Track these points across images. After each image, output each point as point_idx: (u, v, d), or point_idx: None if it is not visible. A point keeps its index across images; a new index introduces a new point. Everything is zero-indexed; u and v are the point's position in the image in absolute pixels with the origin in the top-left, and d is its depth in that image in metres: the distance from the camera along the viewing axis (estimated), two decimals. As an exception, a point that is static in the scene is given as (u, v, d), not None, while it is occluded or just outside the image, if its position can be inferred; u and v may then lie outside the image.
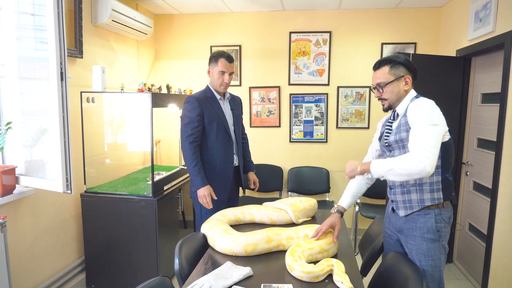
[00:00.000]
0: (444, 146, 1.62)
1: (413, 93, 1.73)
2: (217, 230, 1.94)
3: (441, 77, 3.10)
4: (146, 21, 3.45)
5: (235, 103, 2.62)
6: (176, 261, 1.69)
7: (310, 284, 1.56)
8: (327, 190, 3.95)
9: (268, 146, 4.08)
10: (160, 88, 2.99)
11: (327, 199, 3.96)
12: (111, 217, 2.68)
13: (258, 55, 3.98)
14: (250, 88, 4.03)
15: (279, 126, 4.05)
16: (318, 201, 3.80)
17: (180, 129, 2.40)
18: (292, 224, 2.26)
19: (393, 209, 1.85)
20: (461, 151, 3.23)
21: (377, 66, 1.74)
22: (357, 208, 3.71)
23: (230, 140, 2.48)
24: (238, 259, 1.78)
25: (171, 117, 3.98)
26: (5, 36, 2.17)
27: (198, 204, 2.42)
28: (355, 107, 3.92)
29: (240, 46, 3.99)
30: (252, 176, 2.74)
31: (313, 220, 2.37)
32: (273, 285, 1.52)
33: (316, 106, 3.97)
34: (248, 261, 1.76)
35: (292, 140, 4.05)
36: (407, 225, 1.74)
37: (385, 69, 1.70)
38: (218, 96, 2.47)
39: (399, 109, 1.73)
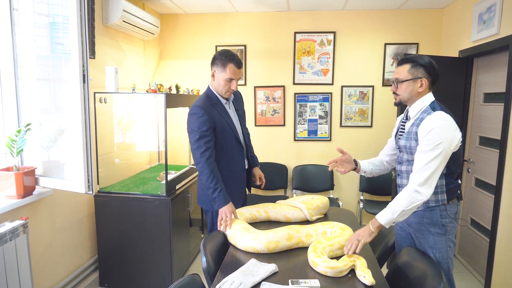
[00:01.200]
0: (452, 154, 1.68)
1: (429, 98, 1.77)
2: (238, 228, 1.99)
3: (444, 77, 3.17)
4: (154, 21, 3.47)
5: (238, 101, 2.44)
6: (203, 259, 1.73)
7: (334, 279, 1.63)
8: (331, 187, 4.02)
9: (273, 145, 4.14)
10: (170, 88, 3.02)
11: (331, 196, 4.04)
12: (124, 216, 2.71)
13: (263, 55, 4.03)
14: (255, 87, 4.08)
15: (284, 125, 4.11)
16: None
17: (191, 144, 2.15)
18: (306, 222, 2.33)
19: None
20: (463, 149, 3.33)
21: (400, 62, 1.80)
22: (361, 204, 3.79)
23: (240, 146, 2.33)
24: (260, 256, 1.84)
25: (176, 116, 4.00)
26: (23, 37, 2.18)
27: (210, 216, 2.35)
28: (358, 106, 4.00)
29: (245, 46, 4.03)
30: (257, 171, 2.57)
31: (325, 217, 2.44)
32: (300, 280, 1.58)
33: (320, 105, 4.04)
34: (270, 258, 1.82)
35: (296, 138, 4.12)
36: (415, 219, 1.85)
37: (406, 67, 1.75)
38: (223, 101, 2.27)
39: (411, 111, 1.79)
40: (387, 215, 1.69)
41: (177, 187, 2.92)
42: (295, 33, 3.95)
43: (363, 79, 3.95)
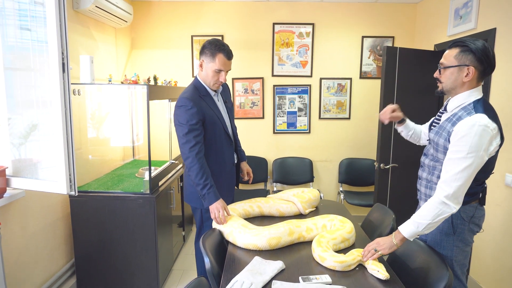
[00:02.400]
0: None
1: (475, 94, 1.56)
2: (235, 225, 1.91)
3: (420, 70, 3.27)
4: (127, 8, 3.25)
5: (226, 93, 2.34)
6: (206, 259, 1.64)
7: (342, 273, 1.61)
8: (311, 179, 4.04)
9: (252, 138, 4.07)
10: (149, 80, 2.85)
11: (311, 188, 4.05)
12: (104, 217, 2.53)
13: (241, 46, 3.93)
14: (233, 79, 3.97)
15: (263, 117, 4.05)
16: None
17: (179, 138, 2.04)
18: (300, 215, 2.30)
19: (418, 197, 1.88)
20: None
21: (450, 45, 1.59)
22: (342, 195, 3.84)
23: (230, 140, 2.24)
24: (262, 253, 1.78)
25: (152, 108, 3.80)
26: (-13, 22, 1.94)
27: (198, 213, 2.24)
28: (336, 98, 4.03)
29: (222, 36, 3.90)
30: (245, 166, 2.48)
31: (316, 210, 2.42)
32: (311, 276, 1.54)
33: (299, 97, 4.02)
34: (272, 255, 1.77)
35: (276, 131, 4.08)
36: None
37: (454, 51, 1.55)
38: (212, 93, 2.15)
39: (451, 104, 1.63)
40: (411, 228, 1.56)
41: (160, 183, 2.77)
42: (274, 24, 3.88)
43: (341, 71, 3.98)
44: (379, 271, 1.54)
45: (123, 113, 3.35)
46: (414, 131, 2.00)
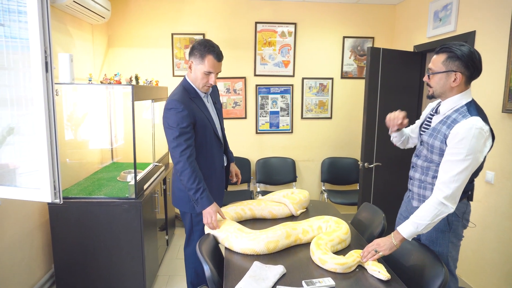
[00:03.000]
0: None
1: (466, 97, 1.61)
2: (231, 230, 1.86)
3: (401, 70, 3.36)
4: (105, 4, 3.11)
5: (214, 94, 2.26)
6: (206, 267, 1.59)
7: (344, 275, 1.60)
8: (294, 179, 4.05)
9: (234, 138, 4.01)
10: (131, 79, 2.73)
11: (295, 188, 4.06)
12: (86, 223, 2.40)
13: (223, 45, 3.82)
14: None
15: (245, 117, 4.01)
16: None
17: (169, 142, 1.96)
18: (291, 217, 2.28)
19: (409, 197, 1.93)
20: (418, 138, 3.56)
21: (438, 50, 1.62)
22: (325, 195, 3.87)
23: (219, 142, 2.18)
24: (260, 258, 1.75)
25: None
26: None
27: (188, 218, 2.17)
28: (318, 98, 4.05)
29: (203, 34, 3.82)
30: (233, 168, 2.43)
31: (307, 211, 2.41)
32: (314, 280, 1.53)
33: (282, 97, 4.01)
34: (270, 259, 1.74)
35: (258, 131, 4.05)
36: None
37: (442, 57, 1.59)
38: (202, 94, 2.08)
39: (443, 107, 1.66)
40: (411, 229, 1.59)
41: (144, 187, 2.67)
42: (256, 23, 3.85)
43: (323, 71, 4.00)
44: (380, 271, 1.54)
45: (102, 114, 3.21)
46: (405, 137, 2.03)
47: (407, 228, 1.61)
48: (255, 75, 3.94)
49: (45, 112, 1.67)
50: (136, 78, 2.93)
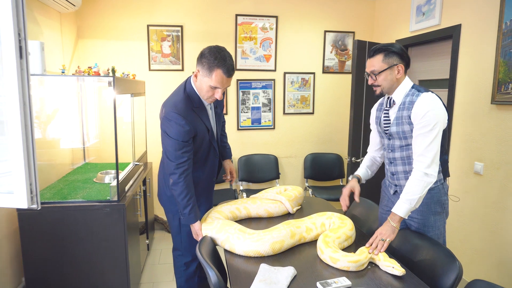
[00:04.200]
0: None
1: (408, 82, 1.77)
2: (231, 231, 1.73)
3: (384, 65, 3.36)
4: (75, -10, 2.85)
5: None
6: (211, 273, 1.45)
7: (357, 273, 1.53)
8: (277, 176, 3.96)
9: (215, 135, 3.86)
10: (108, 71, 2.51)
11: (278, 185, 3.98)
12: (62, 231, 2.17)
13: (202, 38, 3.69)
14: (193, 73, 3.71)
15: (226, 113, 3.86)
16: (267, 188, 3.80)
17: (166, 149, 1.80)
18: (287, 215, 2.19)
19: (396, 192, 1.91)
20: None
21: (372, 54, 1.76)
22: (310, 191, 3.82)
23: (216, 154, 2.04)
24: (265, 259, 1.64)
25: (107, 103, 3.41)
26: None
27: (176, 219, 2.02)
28: (300, 93, 3.99)
29: (182, 26, 3.63)
30: (228, 165, 2.27)
31: (301, 208, 2.33)
32: (329, 281, 1.43)
33: (264, 92, 3.91)
34: (275, 260, 1.64)
35: (240, 127, 3.92)
36: None
37: (379, 57, 1.73)
38: (206, 103, 1.88)
39: (396, 97, 1.77)
40: (405, 206, 1.65)
41: (126, 189, 2.46)
42: (237, 15, 3.71)
43: (305, 66, 3.94)
44: (394, 267, 1.49)
45: (75, 110, 2.95)
46: (371, 171, 2.14)
47: (402, 207, 1.66)
48: (236, 69, 3.80)
49: (20, 105, 1.45)
50: (113, 70, 2.70)
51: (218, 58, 1.69)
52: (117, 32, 3.53)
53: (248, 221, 2.10)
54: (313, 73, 3.96)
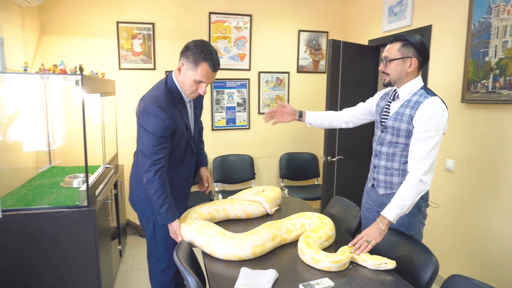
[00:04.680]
0: None
1: (419, 81, 1.72)
2: (211, 234, 1.68)
3: (358, 64, 3.40)
4: (38, -17, 2.68)
5: (198, 98, 1.95)
6: (191, 279, 1.38)
7: (339, 273, 1.52)
8: (253, 177, 3.92)
9: (189, 136, 3.77)
10: (76, 69, 2.38)
11: (253, 185, 3.94)
12: (26, 240, 2.02)
13: (174, 36, 3.59)
14: (166, 72, 3.62)
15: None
16: (244, 189, 3.77)
17: (141, 145, 1.71)
18: (266, 216, 2.16)
19: (373, 185, 1.94)
20: (373, 131, 3.65)
21: (392, 40, 1.72)
22: (286, 191, 3.81)
23: (193, 154, 1.97)
24: (246, 263, 1.59)
25: (70, 103, 3.24)
26: None
27: (150, 224, 1.92)
28: (275, 93, 3.97)
29: (153, 24, 3.52)
30: (205, 173, 2.18)
31: (279, 208, 2.30)
32: (311, 282, 1.41)
33: (238, 91, 3.86)
34: (256, 263, 1.60)
35: (214, 128, 3.85)
36: (388, 200, 1.82)
37: (397, 45, 1.68)
38: (187, 99, 1.83)
39: (401, 92, 1.73)
40: (396, 211, 1.63)
41: (96, 193, 2.34)
42: (210, 13, 3.64)
43: (279, 65, 3.93)
44: (385, 263, 1.51)
45: (39, 110, 2.78)
46: (324, 120, 2.13)
47: (393, 211, 1.64)
48: (210, 68, 3.73)
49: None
50: (81, 69, 2.57)
51: (204, 52, 1.64)
52: (84, 28, 3.36)
53: (227, 223, 2.05)
54: (288, 73, 3.96)
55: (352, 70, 3.29)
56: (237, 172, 3.88)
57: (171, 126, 1.70)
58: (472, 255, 2.44)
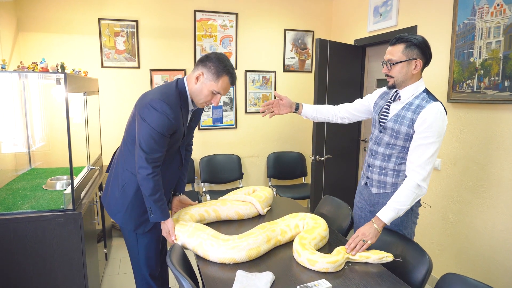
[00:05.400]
0: None
1: (421, 84, 1.70)
2: (204, 236, 1.64)
3: (345, 63, 3.43)
4: (16, -23, 2.56)
5: (198, 111, 1.93)
6: (186, 284, 1.34)
7: (333, 274, 1.51)
8: (240, 176, 3.89)
9: (175, 136, 3.70)
10: (57, 67, 2.29)
11: (241, 185, 3.91)
12: (7, 247, 1.93)
13: (159, 34, 3.52)
14: (151, 70, 3.54)
15: (186, 113, 3.72)
16: (233, 189, 3.74)
17: (141, 138, 1.63)
18: (258, 217, 2.14)
19: (366, 184, 1.94)
20: (360, 130, 3.69)
21: (394, 42, 1.67)
22: (274, 190, 3.80)
23: (180, 164, 1.92)
24: (240, 265, 1.57)
25: (50, 102, 3.12)
26: None
27: (133, 236, 1.84)
28: (262, 92, 3.95)
29: (137, 21, 3.43)
30: (186, 199, 2.06)
31: (271, 208, 2.29)
32: (309, 284, 1.40)
33: (225, 91, 3.82)
34: (251, 266, 1.57)
35: (201, 127, 3.80)
36: (381, 200, 1.85)
37: (400, 47, 1.64)
38: (191, 107, 1.80)
39: (403, 94, 1.70)
40: (391, 214, 1.64)
41: (81, 196, 2.26)
42: (195, 11, 3.58)
43: (266, 64, 3.91)
44: (386, 256, 1.55)
45: (18, 110, 2.66)
46: (320, 114, 2.10)
47: (388, 214, 1.65)
48: (196, 67, 3.68)
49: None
50: (62, 67, 2.47)
51: (227, 66, 1.68)
52: (64, 25, 3.25)
53: (218, 224, 2.01)
54: (274, 72, 3.95)
55: (339, 69, 3.31)
56: (224, 172, 3.84)
57: (174, 127, 1.67)
58: (459, 252, 2.50)
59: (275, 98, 2.07)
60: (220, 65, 1.67)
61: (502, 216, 2.20)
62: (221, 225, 2.01)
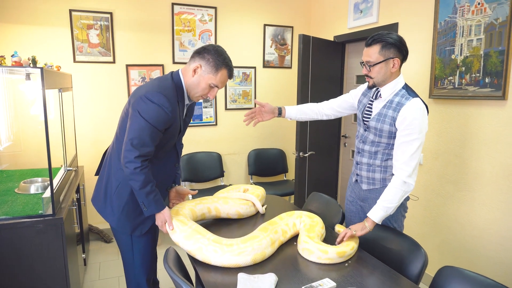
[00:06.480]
0: None
1: (400, 80, 1.73)
2: (204, 242, 1.55)
3: (326, 60, 3.44)
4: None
5: (191, 106, 1.89)
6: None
7: (337, 272, 1.51)
8: (221, 174, 3.83)
9: (154, 134, 3.57)
10: (29, 61, 2.12)
11: (222, 183, 3.85)
12: (-21, 256, 1.78)
13: (135, 27, 3.37)
14: (127, 66, 3.38)
15: (165, 110, 3.59)
16: (214, 187, 3.67)
17: (132, 130, 1.55)
18: (256, 216, 2.10)
19: (356, 180, 1.97)
20: (340, 126, 3.73)
21: (369, 43, 1.69)
22: (256, 188, 3.76)
23: (176, 160, 1.86)
24: (242, 268, 1.52)
25: (22, 99, 2.91)
26: None
27: (129, 239, 1.75)
28: (242, 88, 3.90)
29: (111, 13, 3.26)
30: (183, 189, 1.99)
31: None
32: (314, 284, 1.38)
33: (204, 87, 3.72)
34: (254, 267, 1.54)
35: (180, 125, 3.68)
36: (371, 195, 1.89)
37: (376, 48, 1.66)
38: (186, 101, 1.74)
39: (384, 92, 1.73)
40: (381, 213, 1.68)
41: (60, 199, 2.12)
42: (173, 4, 3.46)
43: (246, 60, 3.86)
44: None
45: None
46: (303, 115, 2.11)
47: (378, 213, 1.69)
48: (174, 62, 3.56)
49: None
50: (34, 61, 2.29)
51: (225, 59, 1.65)
52: (32, 15, 3.02)
53: (218, 224, 1.97)
54: (254, 68, 3.90)
55: (321, 66, 3.31)
56: (205, 170, 3.76)
57: (170, 120, 1.60)
58: (441, 243, 2.59)
59: (255, 106, 2.05)
60: (219, 57, 1.63)
61: (483, 207, 2.30)
62: (221, 225, 1.96)
